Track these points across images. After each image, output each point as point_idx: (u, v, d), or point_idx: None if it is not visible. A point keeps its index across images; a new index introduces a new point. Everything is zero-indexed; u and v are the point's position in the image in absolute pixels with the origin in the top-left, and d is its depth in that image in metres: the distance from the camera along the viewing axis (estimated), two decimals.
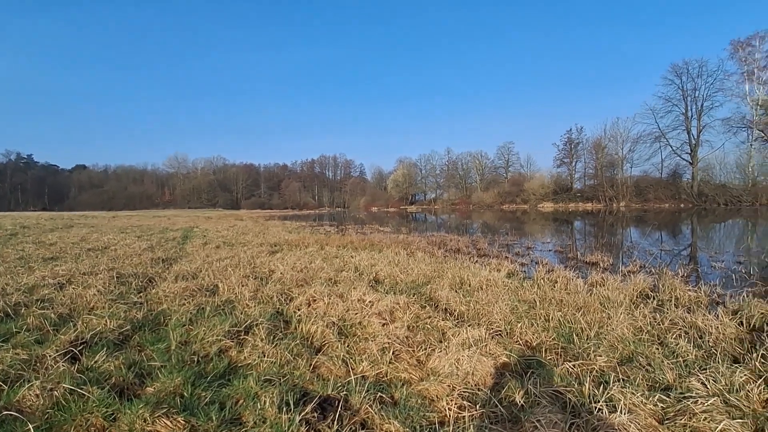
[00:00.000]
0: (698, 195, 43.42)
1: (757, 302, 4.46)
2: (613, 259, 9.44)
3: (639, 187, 50.09)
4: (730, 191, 41.74)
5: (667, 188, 47.76)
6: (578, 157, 62.21)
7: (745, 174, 42.33)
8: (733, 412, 2.39)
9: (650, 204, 46.21)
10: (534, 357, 3.34)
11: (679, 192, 46.07)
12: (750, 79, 43.01)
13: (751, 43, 42.86)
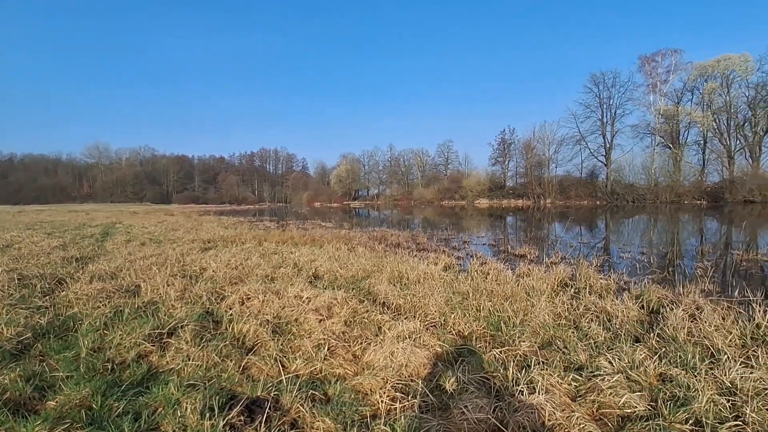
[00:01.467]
0: (611, 193, 48.28)
1: (655, 288, 5.07)
2: (539, 251, 10.18)
3: (563, 186, 54.52)
4: (637, 190, 46.94)
5: (585, 187, 52.48)
6: (511, 157, 66.31)
7: (649, 175, 47.84)
8: (633, 386, 2.67)
9: (572, 201, 50.53)
10: (465, 346, 3.48)
11: (596, 190, 50.86)
12: (654, 91, 48.78)
13: (655, 59, 48.54)
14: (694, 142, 46.35)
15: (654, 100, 48.70)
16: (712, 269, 7.30)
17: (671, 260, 8.82)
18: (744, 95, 41.96)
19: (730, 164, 42.91)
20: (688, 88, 45.69)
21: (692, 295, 4.75)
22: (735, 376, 2.68)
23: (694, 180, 44.64)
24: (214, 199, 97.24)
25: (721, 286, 5.95)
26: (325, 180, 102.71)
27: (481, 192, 64.33)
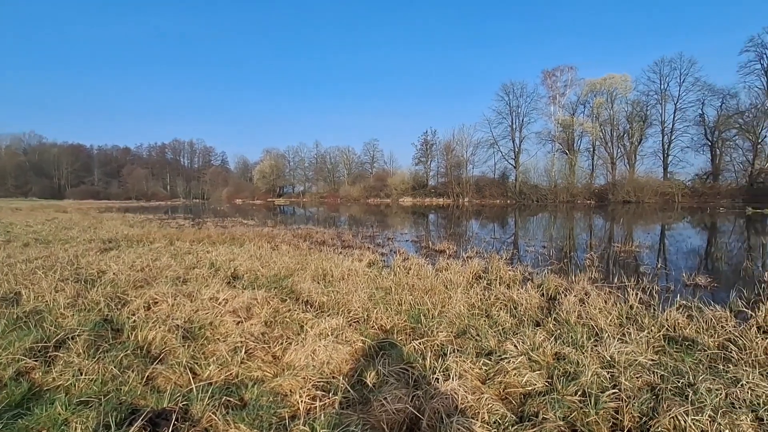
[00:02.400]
0: (519, 193, 53.04)
1: (553, 277, 5.70)
2: (457, 247, 10.82)
3: (479, 186, 58.50)
4: (540, 191, 52.20)
5: (498, 187, 56.92)
6: (433, 157, 69.29)
7: (550, 177, 53.48)
8: (534, 366, 2.97)
9: (487, 200, 54.48)
10: (387, 339, 3.57)
11: (507, 190, 55.45)
12: (554, 102, 54.63)
13: (555, 73, 54.43)
14: (585, 149, 52.95)
15: (554, 110, 54.70)
16: (598, 260, 8.44)
17: (567, 253, 9.98)
18: (624, 110, 49.09)
19: (613, 169, 49.81)
20: (581, 102, 52.14)
21: (582, 283, 5.42)
22: (613, 351, 3.11)
23: (585, 182, 50.94)
24: (118, 195, 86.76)
25: (604, 274, 6.89)
26: (248, 175, 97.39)
27: (405, 190, 66.31)
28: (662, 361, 3.07)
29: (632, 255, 9.55)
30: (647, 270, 7.62)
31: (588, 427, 2.26)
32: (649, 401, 2.47)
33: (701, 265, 8.53)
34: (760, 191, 36.70)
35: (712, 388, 2.55)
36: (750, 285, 5.81)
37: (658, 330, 3.72)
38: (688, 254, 10.24)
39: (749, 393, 2.54)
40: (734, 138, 42.13)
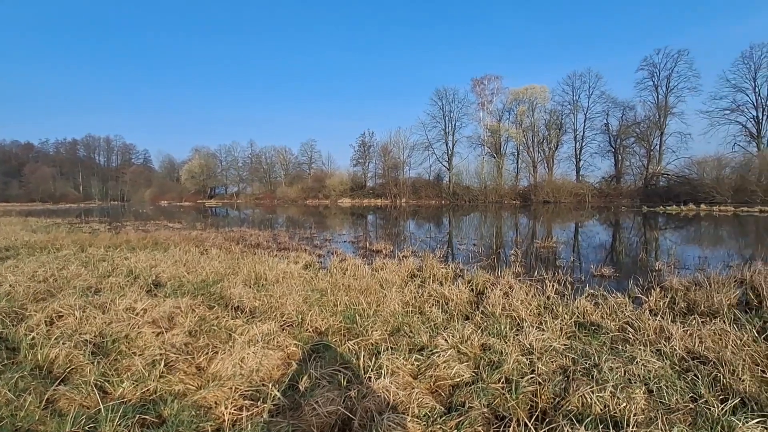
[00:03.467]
0: (453, 194, 55.51)
1: (482, 273, 6.05)
2: (394, 246, 11.02)
3: (415, 187, 60.18)
4: (472, 192, 55.09)
5: (433, 188, 59.07)
6: (371, 159, 69.84)
7: (480, 179, 56.57)
8: (462, 357, 3.12)
9: (422, 201, 56.24)
10: (322, 341, 3.52)
11: (441, 191, 57.73)
12: (483, 109, 58.07)
13: (483, 81, 57.88)
14: (511, 153, 56.89)
15: (483, 116, 58.20)
16: (521, 255, 9.10)
17: (495, 249, 10.64)
18: (543, 118, 53.64)
19: (534, 172, 54.13)
20: (507, 109, 56.11)
21: (507, 277, 5.81)
22: (532, 339, 3.38)
23: (511, 184, 54.74)
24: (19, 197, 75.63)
25: (526, 268, 7.45)
26: (174, 175, 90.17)
27: (343, 191, 66.09)
28: (573, 346, 3.40)
29: (551, 250, 10.45)
30: (563, 263, 8.38)
31: (509, 411, 2.42)
32: (562, 383, 2.72)
33: (606, 258, 9.59)
34: (652, 192, 42.19)
35: (613, 366, 2.88)
36: (644, 274, 6.65)
37: (570, 317, 4.11)
38: (596, 248, 11.45)
39: (642, 369, 2.90)
40: (632, 145, 47.93)
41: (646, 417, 2.32)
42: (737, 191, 33.75)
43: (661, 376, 2.80)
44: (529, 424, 2.12)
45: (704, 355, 3.16)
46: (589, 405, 2.43)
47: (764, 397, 2.55)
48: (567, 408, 2.43)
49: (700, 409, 2.41)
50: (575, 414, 2.36)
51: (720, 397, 2.58)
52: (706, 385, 2.73)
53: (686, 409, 2.44)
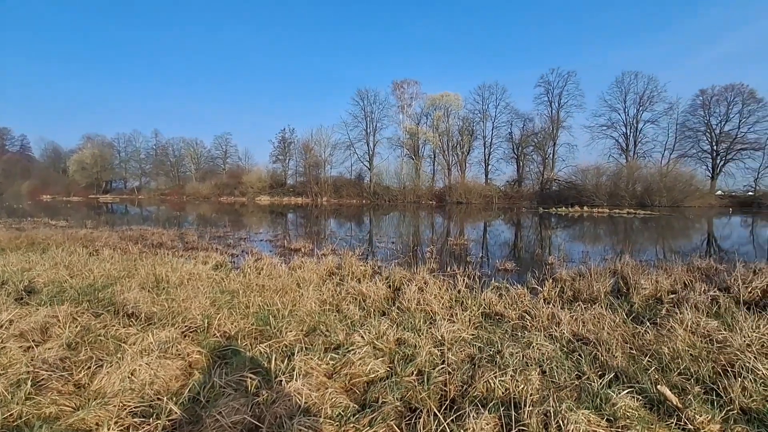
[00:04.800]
0: (374, 194, 56.38)
1: (399, 270, 6.19)
2: (313, 245, 10.80)
3: (336, 186, 59.82)
4: (392, 192, 56.49)
5: (355, 187, 59.32)
6: (291, 156, 67.71)
7: (399, 179, 58.30)
8: (378, 353, 3.14)
9: (344, 200, 56.20)
10: (230, 346, 3.28)
11: (363, 191, 58.25)
12: (403, 112, 59.96)
13: (403, 85, 59.80)
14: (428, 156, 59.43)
15: (402, 119, 60.03)
16: (436, 252, 9.56)
17: (412, 247, 11.03)
18: (457, 124, 57.12)
19: (449, 174, 57.37)
20: (424, 113, 58.49)
21: (422, 273, 6.04)
22: (444, 331, 3.53)
23: (428, 185, 57.29)
24: None
25: (440, 265, 7.83)
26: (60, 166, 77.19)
27: (262, 189, 63.04)
28: (480, 335, 3.63)
29: (462, 247, 11.13)
30: (473, 259, 8.98)
31: (421, 402, 2.49)
32: (469, 370, 2.88)
33: (510, 254, 10.52)
34: (547, 195, 47.43)
35: (513, 352, 3.13)
36: (540, 267, 7.41)
37: (478, 309, 4.39)
38: (501, 245, 12.50)
39: (537, 352, 3.20)
40: (531, 153, 53.30)
41: (540, 396, 2.56)
42: (611, 196, 39.57)
43: (552, 357, 3.12)
44: (438, 414, 2.20)
45: (586, 336, 3.61)
46: (492, 389, 2.60)
47: (632, 371, 2.98)
48: (473, 394, 2.57)
49: (584, 385, 2.73)
50: (480, 399, 2.51)
51: (599, 373, 2.95)
52: (588, 362, 3.11)
53: (573, 385, 2.74)
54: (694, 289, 5.19)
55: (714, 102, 43.32)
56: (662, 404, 2.54)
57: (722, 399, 2.62)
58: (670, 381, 2.86)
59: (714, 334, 3.60)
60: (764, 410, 2.49)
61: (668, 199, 37.59)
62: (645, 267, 6.68)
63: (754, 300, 4.97)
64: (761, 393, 2.66)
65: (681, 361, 3.14)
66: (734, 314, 4.26)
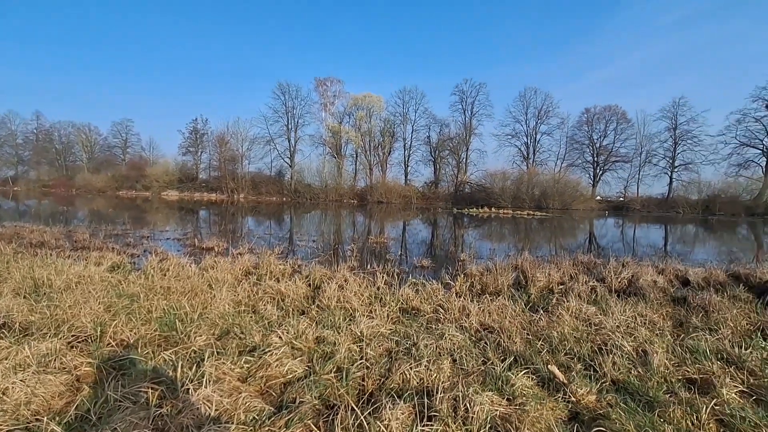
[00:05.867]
0: (295, 191, 54.92)
1: (319, 268, 6.14)
2: (228, 243, 10.18)
3: (255, 182, 56.98)
4: (313, 190, 55.59)
5: (275, 184, 57.11)
6: (204, 148, 62.82)
7: (321, 178, 57.61)
8: (296, 353, 3.09)
9: (263, 197, 53.81)
10: (128, 356, 2.96)
11: (283, 188, 56.38)
12: (325, 109, 59.30)
13: (326, 83, 59.20)
14: (350, 155, 59.67)
15: (325, 116, 59.34)
16: (357, 250, 9.66)
17: (333, 245, 11.00)
18: (379, 125, 58.20)
19: (370, 174, 58.26)
20: (347, 112, 58.54)
21: (343, 271, 6.06)
22: (363, 327, 3.60)
23: (350, 184, 57.52)
24: None
25: (361, 262, 7.94)
26: None
27: (170, 183, 57.39)
28: (397, 329, 3.77)
29: (382, 245, 11.41)
30: (392, 257, 9.26)
31: (339, 399, 2.52)
32: (387, 364, 2.98)
33: (426, 251, 11.05)
34: (460, 197, 50.71)
35: (427, 344, 3.31)
36: (453, 263, 7.93)
37: (396, 304, 4.55)
38: (419, 243, 13.07)
39: (449, 342, 3.43)
40: (447, 157, 56.52)
41: (451, 383, 2.75)
42: (514, 198, 43.72)
43: (462, 346, 3.37)
44: (356, 408, 2.25)
45: (491, 325, 3.96)
46: (408, 380, 2.73)
47: (528, 354, 3.35)
48: (390, 386, 2.68)
49: (488, 369, 2.99)
50: (397, 390, 2.62)
51: (501, 357, 3.26)
52: (492, 349, 3.42)
53: (479, 371, 2.99)
54: (578, 280, 5.99)
55: (595, 120, 50.31)
56: (552, 381, 2.90)
57: (598, 373, 3.08)
58: (558, 360, 3.27)
59: (592, 318, 4.20)
60: (629, 380, 2.99)
61: (559, 203, 42.70)
62: (540, 262, 7.51)
63: (623, 288, 5.89)
64: (626, 366, 3.18)
65: (567, 342, 3.61)
66: (608, 301, 5.02)
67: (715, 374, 3.03)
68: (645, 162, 47.95)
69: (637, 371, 3.10)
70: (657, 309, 4.88)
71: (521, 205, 42.35)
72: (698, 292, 5.47)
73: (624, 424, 2.33)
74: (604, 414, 2.50)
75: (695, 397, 2.71)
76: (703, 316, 4.66)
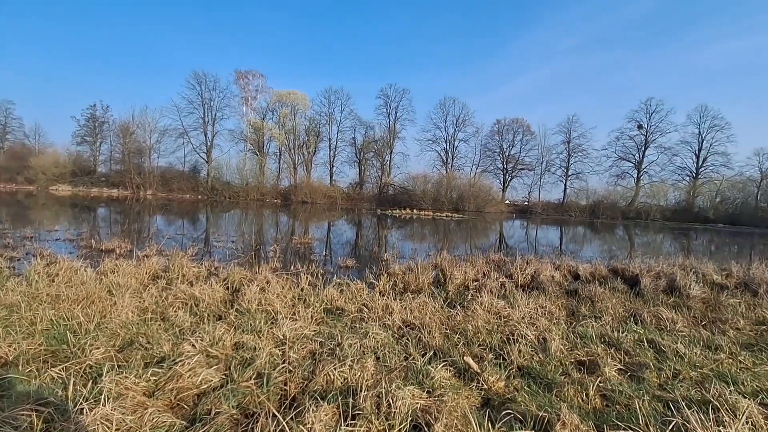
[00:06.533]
0: (212, 189, 51.28)
1: (239, 270, 5.82)
2: (133, 245, 9.16)
3: (165, 178, 51.93)
4: (233, 188, 52.39)
5: (188, 181, 52.65)
6: (104, 138, 55.60)
7: (242, 175, 54.57)
8: (212, 361, 2.91)
9: (174, 194, 49.34)
10: (6, 375, 2.53)
11: (198, 185, 52.26)
12: (246, 104, 56.25)
13: (247, 76, 56.24)
14: (274, 153, 57.35)
15: (246, 111, 56.17)
16: (280, 251, 9.36)
17: (254, 246, 10.50)
18: (303, 124, 56.97)
19: (295, 174, 56.72)
20: (270, 108, 56.25)
21: (264, 273, 5.83)
22: (286, 330, 3.51)
23: (273, 183, 55.40)
24: None
25: (284, 263, 7.71)
26: None
27: (60, 176, 49.51)
28: (321, 330, 3.75)
29: (307, 246, 11.20)
30: (317, 257, 9.14)
31: (260, 406, 2.43)
32: (310, 366, 2.95)
33: (351, 252, 11.11)
34: (384, 198, 51.81)
35: (351, 343, 3.34)
36: (377, 263, 8.09)
37: (320, 305, 4.52)
38: (344, 244, 13.08)
39: (373, 341, 3.49)
40: (372, 159, 57.41)
41: (375, 380, 2.81)
42: (435, 201, 45.96)
43: (385, 344, 3.46)
44: (277, 414, 2.19)
45: (413, 322, 4.12)
46: (332, 381, 2.73)
47: (446, 347, 3.55)
48: (314, 388, 2.65)
49: (410, 365, 3.12)
50: (321, 392, 2.60)
51: (422, 352, 3.42)
52: (414, 345, 3.56)
53: (401, 366, 3.10)
54: (490, 277, 6.50)
55: (505, 130, 55.08)
56: (467, 371, 3.12)
57: (506, 361, 3.38)
58: (472, 352, 3.52)
59: (502, 312, 4.60)
60: (532, 365, 3.33)
61: (474, 206, 45.91)
62: (458, 261, 8.00)
63: (527, 283, 6.53)
64: (530, 353, 3.54)
65: (480, 334, 3.90)
66: (515, 295, 5.53)
67: (600, 356, 3.51)
68: (545, 170, 53.65)
69: (539, 357, 3.47)
70: (554, 301, 5.51)
71: (441, 207, 44.62)
72: (586, 285, 6.29)
73: (528, 406, 2.59)
74: (512, 398, 2.76)
75: (584, 376, 3.12)
76: (590, 305, 5.38)
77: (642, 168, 49.38)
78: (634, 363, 3.48)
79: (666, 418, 2.38)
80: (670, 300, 5.87)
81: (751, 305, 5.70)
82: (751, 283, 6.85)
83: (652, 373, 3.27)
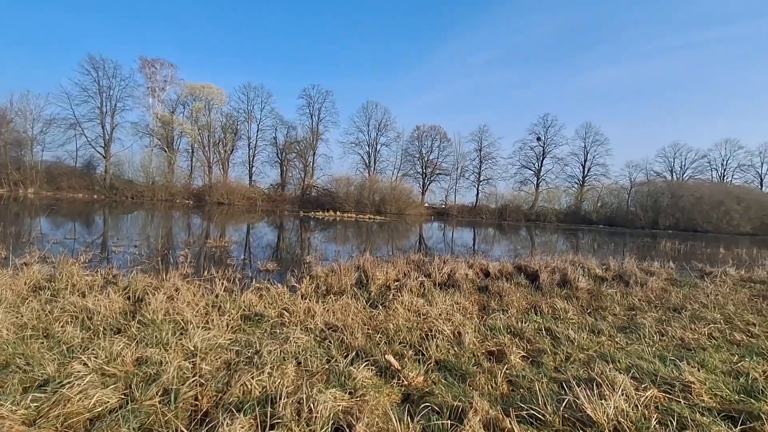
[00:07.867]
0: (110, 188, 45.54)
1: (142, 277, 5.25)
2: (8, 251, 7.74)
3: (51, 174, 44.75)
4: (136, 187, 47.07)
5: (81, 178, 46.06)
6: None
7: (147, 173, 49.31)
8: (108, 380, 2.59)
9: (63, 193, 42.85)
10: None
11: (93, 183, 46.02)
12: (153, 95, 50.83)
13: (154, 64, 50.88)
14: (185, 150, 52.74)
15: (153, 103, 50.59)
16: (192, 256, 8.65)
17: (161, 251, 9.56)
18: (220, 120, 53.36)
19: (210, 173, 52.87)
20: (181, 102, 51.60)
21: (173, 279, 5.34)
22: (197, 340, 3.26)
23: (184, 182, 50.98)
24: None
25: (197, 269, 7.14)
26: None
27: None
28: (238, 338, 3.55)
29: (223, 249, 10.51)
30: (234, 261, 8.63)
31: (167, 425, 2.22)
32: (225, 377, 2.77)
33: (272, 255, 10.69)
34: (307, 200, 50.85)
35: (271, 349, 3.22)
36: (299, 266, 7.90)
37: (237, 312, 4.27)
38: (264, 247, 12.54)
39: (294, 345, 3.40)
40: (294, 160, 56.02)
41: (295, 386, 2.73)
42: (357, 203, 46.37)
43: (307, 348, 3.40)
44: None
45: (336, 324, 4.10)
46: (250, 391, 2.60)
47: (369, 347, 3.59)
48: (229, 401, 2.50)
49: (332, 367, 3.10)
50: (236, 404, 2.46)
51: (345, 354, 3.41)
52: (336, 347, 3.55)
53: (323, 370, 3.07)
54: (410, 276, 6.73)
55: (424, 136, 57.62)
56: (388, 369, 3.20)
57: (425, 356, 3.53)
58: (394, 350, 3.62)
59: (421, 309, 4.80)
60: (448, 359, 3.52)
61: (396, 208, 47.29)
62: (380, 261, 8.15)
63: (444, 282, 6.90)
64: (446, 347, 3.74)
65: (401, 332, 4.02)
66: (433, 293, 5.81)
67: (507, 345, 3.84)
68: (460, 176, 57.22)
69: (454, 350, 3.69)
70: (468, 297, 5.90)
71: (363, 210, 45.11)
72: (495, 282, 6.85)
73: (444, 397, 2.74)
74: (430, 391, 2.89)
75: (494, 365, 3.39)
76: (499, 300, 5.86)
77: (540, 175, 55.45)
78: (534, 349, 3.87)
79: (560, 397, 2.69)
80: (563, 292, 6.64)
81: (624, 294, 6.69)
82: (624, 275, 8.06)
83: (549, 357, 3.68)
